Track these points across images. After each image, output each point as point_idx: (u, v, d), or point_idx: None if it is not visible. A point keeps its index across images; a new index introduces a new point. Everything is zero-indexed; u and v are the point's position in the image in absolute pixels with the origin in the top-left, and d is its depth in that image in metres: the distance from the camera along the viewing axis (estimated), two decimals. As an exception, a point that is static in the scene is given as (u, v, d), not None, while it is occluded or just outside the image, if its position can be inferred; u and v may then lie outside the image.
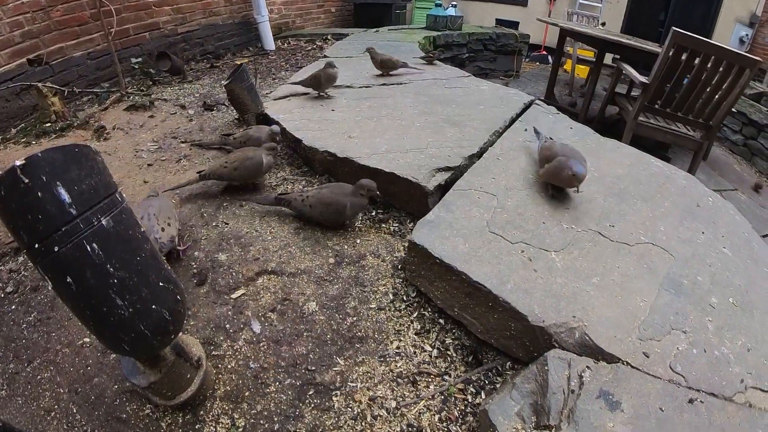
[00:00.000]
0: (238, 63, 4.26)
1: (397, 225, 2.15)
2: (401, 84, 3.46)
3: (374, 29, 6.03)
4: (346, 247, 1.99)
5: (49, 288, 0.95)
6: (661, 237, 1.85)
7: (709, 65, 3.26)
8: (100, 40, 3.75)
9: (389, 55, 3.68)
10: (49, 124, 2.93)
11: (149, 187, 2.31)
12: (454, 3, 6.20)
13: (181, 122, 3.08)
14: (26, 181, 0.84)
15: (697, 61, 3.28)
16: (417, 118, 2.74)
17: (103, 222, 0.95)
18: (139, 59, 4.12)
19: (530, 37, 6.79)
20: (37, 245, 0.88)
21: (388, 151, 2.32)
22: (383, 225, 2.16)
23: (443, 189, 2.08)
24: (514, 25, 8.53)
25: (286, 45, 5.62)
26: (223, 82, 3.10)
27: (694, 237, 1.90)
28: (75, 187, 0.90)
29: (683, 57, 3.31)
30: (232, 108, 3.13)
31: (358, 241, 2.04)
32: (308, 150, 2.45)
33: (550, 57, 7.87)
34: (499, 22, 8.78)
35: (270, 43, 5.38)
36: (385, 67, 3.65)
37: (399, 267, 1.90)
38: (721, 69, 3.26)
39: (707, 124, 3.53)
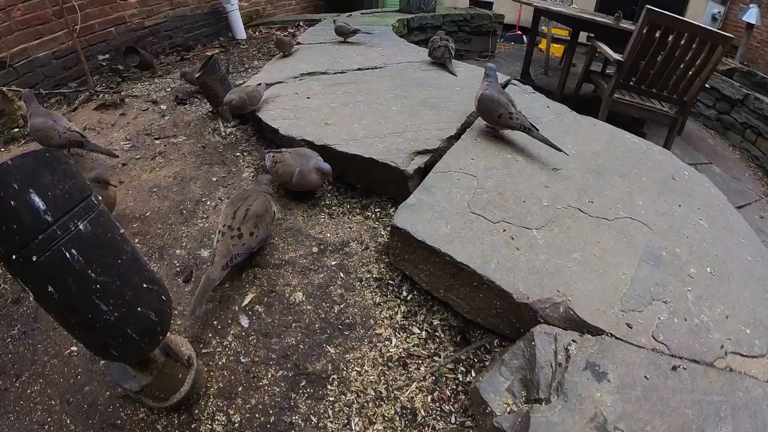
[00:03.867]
0: (209, 54, 4.17)
1: (378, 210, 2.16)
2: (377, 68, 3.42)
3: (347, 13, 5.94)
4: (328, 235, 1.99)
5: (31, 299, 0.93)
6: (640, 211, 1.89)
7: (682, 42, 3.30)
8: (64, 39, 3.62)
9: (344, 22, 4.24)
10: (17, 129, 2.84)
11: (125, 187, 2.27)
12: (428, -16, 6.12)
13: (153, 118, 3.02)
14: (-3, 190, 0.82)
15: (670, 38, 3.32)
16: (394, 102, 2.73)
17: (81, 227, 0.92)
18: (107, 56, 4.00)
19: (505, 17, 6.76)
20: (14, 256, 0.85)
21: (365, 136, 2.31)
22: (365, 211, 2.16)
23: (423, 172, 2.09)
24: (488, 5, 8.48)
25: (257, 33, 5.51)
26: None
27: (671, 210, 1.94)
28: (49, 193, 0.88)
29: (657, 34, 3.34)
30: (206, 101, 3.07)
31: (341, 228, 2.04)
32: (286, 140, 2.41)
33: (525, 37, 7.86)
34: (474, 3, 8.73)
35: (241, 32, 5.26)
36: (341, 33, 4.14)
37: (383, 252, 1.91)
38: (694, 46, 3.31)
39: (681, 99, 3.59)
